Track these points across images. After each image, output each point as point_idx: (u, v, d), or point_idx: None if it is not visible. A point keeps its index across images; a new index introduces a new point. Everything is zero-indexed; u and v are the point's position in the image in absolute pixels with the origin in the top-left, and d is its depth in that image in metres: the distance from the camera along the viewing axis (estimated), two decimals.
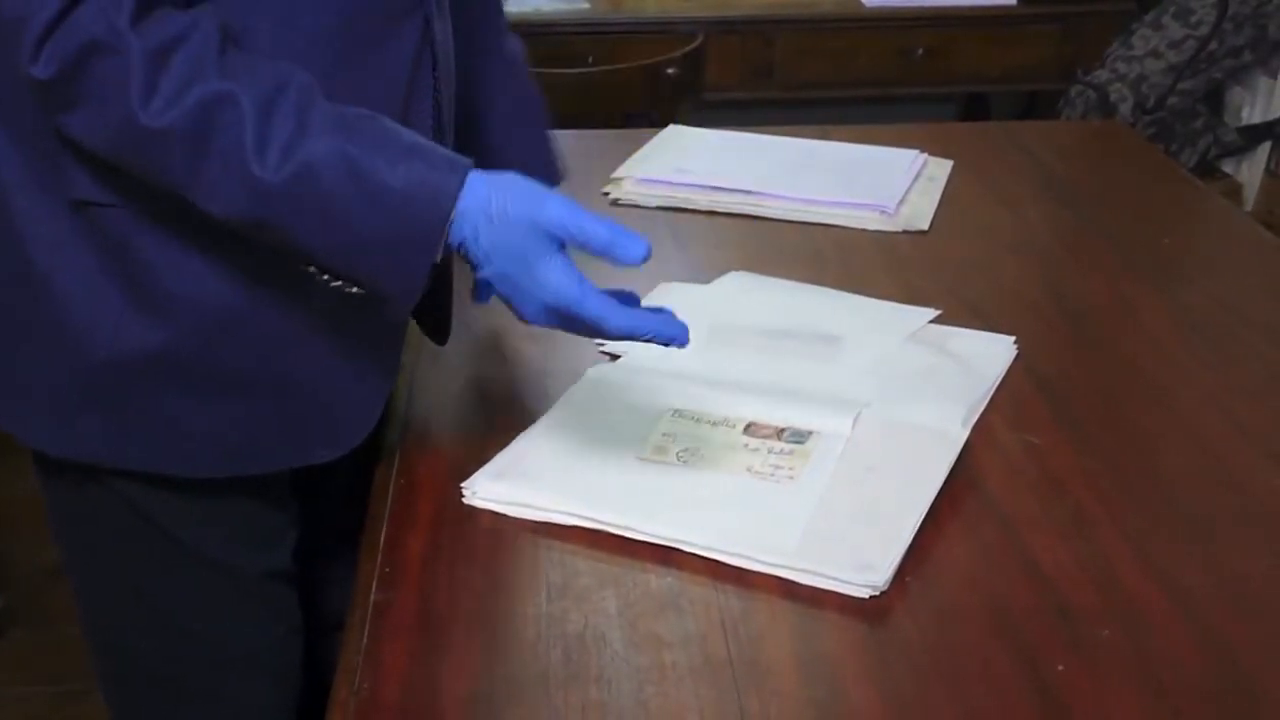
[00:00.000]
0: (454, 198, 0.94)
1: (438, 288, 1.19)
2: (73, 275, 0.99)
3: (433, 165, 0.95)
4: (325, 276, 0.98)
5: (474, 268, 0.99)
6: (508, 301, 1.01)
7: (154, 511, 1.09)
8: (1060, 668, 0.91)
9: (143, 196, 0.97)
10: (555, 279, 0.98)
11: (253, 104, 0.89)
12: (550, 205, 0.97)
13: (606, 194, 1.68)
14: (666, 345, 1.01)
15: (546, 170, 1.30)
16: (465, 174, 0.95)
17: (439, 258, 0.96)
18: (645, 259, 0.98)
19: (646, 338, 1.01)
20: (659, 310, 1.03)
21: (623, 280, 1.44)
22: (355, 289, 0.98)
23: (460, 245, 0.97)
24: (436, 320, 1.22)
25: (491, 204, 0.96)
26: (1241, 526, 1.07)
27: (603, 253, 0.98)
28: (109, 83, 0.88)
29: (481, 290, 1.18)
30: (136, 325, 0.99)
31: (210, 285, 1.00)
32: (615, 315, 0.99)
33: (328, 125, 0.92)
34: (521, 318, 1.01)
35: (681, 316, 1.35)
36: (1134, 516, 1.07)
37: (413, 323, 1.22)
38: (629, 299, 1.05)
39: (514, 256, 0.97)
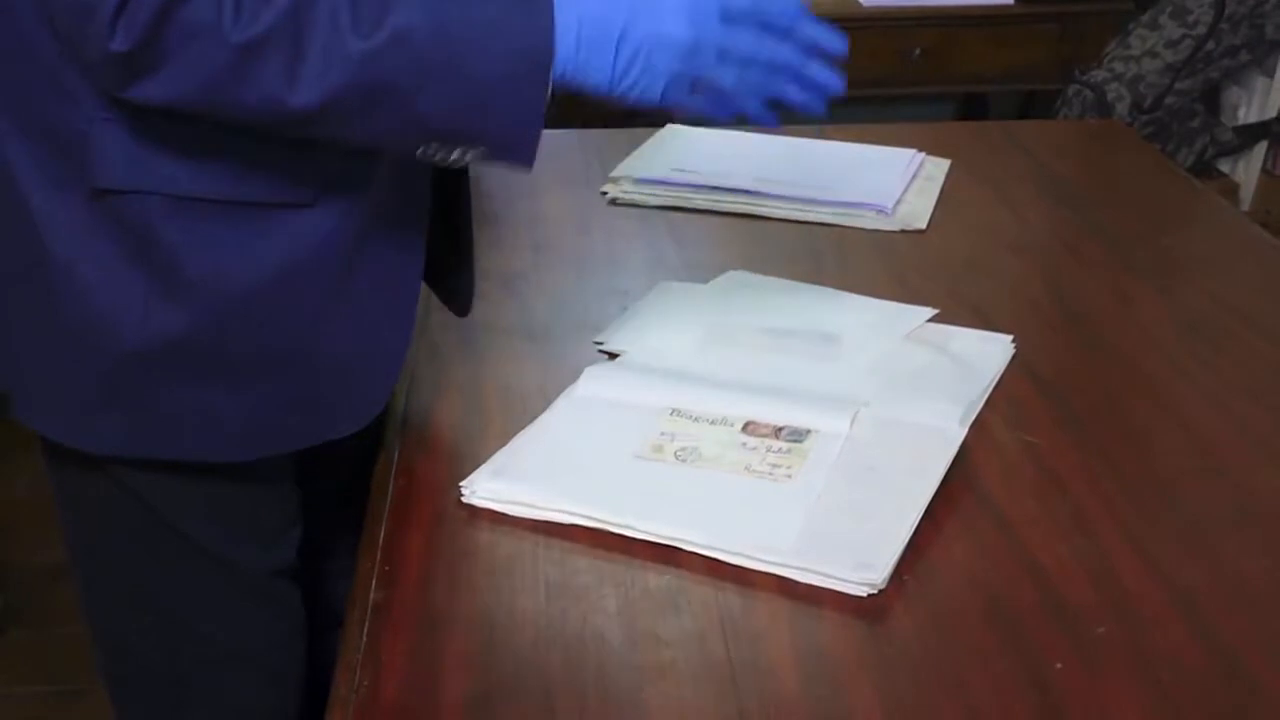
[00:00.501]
0: (550, 20, 0.93)
1: (459, 254, 1.19)
2: (94, 266, 0.99)
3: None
4: (444, 152, 0.97)
5: (609, 51, 0.96)
6: (657, 45, 0.96)
7: (159, 504, 1.09)
8: (1058, 666, 0.91)
9: (165, 182, 0.97)
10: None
11: None
12: None
13: (605, 193, 1.68)
14: None
15: None
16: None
17: (552, 81, 0.94)
18: None
19: None
20: None
21: (623, 278, 1.45)
22: (473, 153, 0.97)
23: (583, 35, 0.94)
24: (457, 291, 1.22)
25: None
26: (1239, 524, 1.07)
27: None
28: (197, 21, 0.87)
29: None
30: (160, 312, 0.99)
31: (230, 268, 1.00)
32: None
33: None
34: (675, 49, 0.97)
35: (680, 316, 1.37)
36: (1132, 515, 1.07)
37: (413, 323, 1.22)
38: None
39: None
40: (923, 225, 1.61)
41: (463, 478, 1.09)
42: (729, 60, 1.00)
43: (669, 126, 1.91)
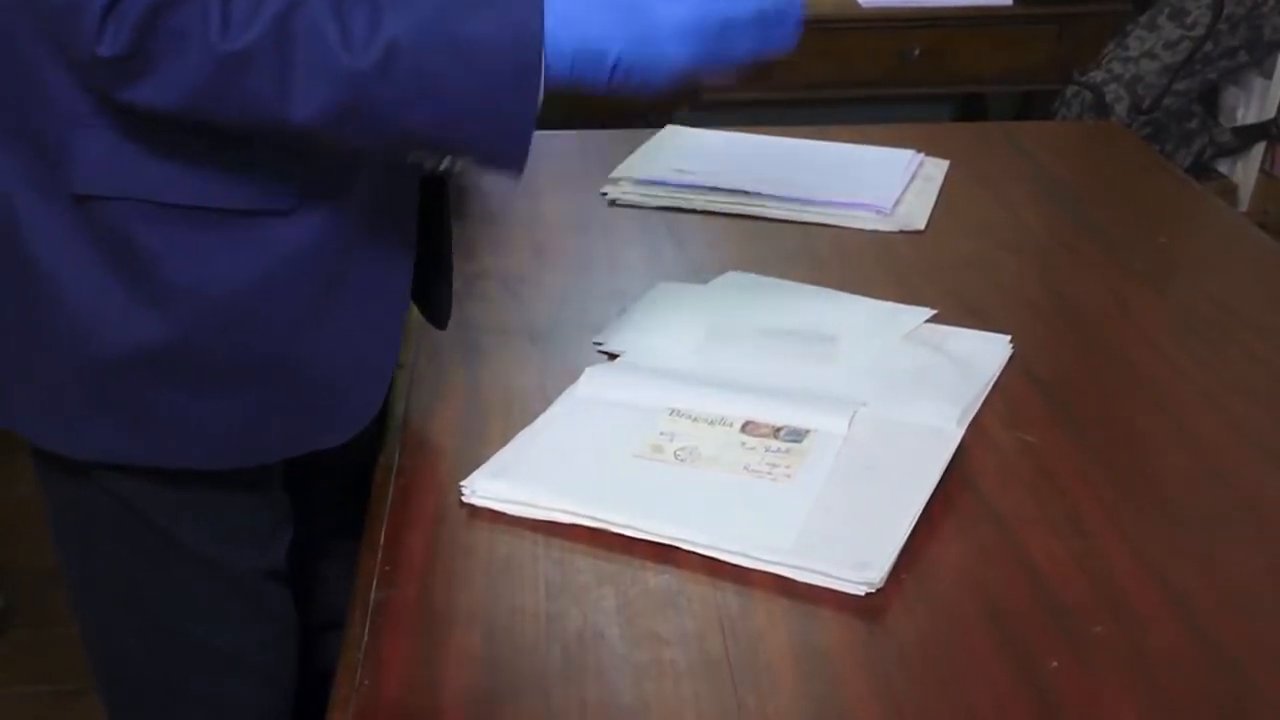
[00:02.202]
0: (538, 20, 0.93)
1: (438, 267, 1.19)
2: (75, 272, 0.99)
3: (507, 3, 0.93)
4: (434, 160, 0.97)
5: (600, 75, 0.96)
6: (650, 72, 0.96)
7: (149, 509, 1.09)
8: (1054, 665, 0.91)
9: (146, 188, 0.97)
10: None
11: (325, 3, 0.89)
12: None
13: (605, 194, 1.69)
14: None
15: None
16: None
17: (541, 95, 0.94)
18: None
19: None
20: None
21: (622, 279, 1.45)
22: (462, 160, 0.97)
23: (574, 61, 0.94)
24: (436, 302, 1.23)
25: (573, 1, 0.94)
26: (1236, 524, 1.08)
27: None
28: (183, 29, 0.88)
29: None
30: (140, 319, 1.00)
31: (211, 276, 1.00)
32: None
33: (398, 3, 0.91)
34: (667, 74, 0.97)
35: (679, 317, 1.37)
36: (1129, 514, 1.08)
37: (410, 322, 1.22)
38: None
39: (626, 14, 0.95)
40: (921, 226, 1.61)
41: (463, 477, 1.09)
42: (726, 61, 1.00)
43: (669, 127, 1.91)
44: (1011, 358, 1.29)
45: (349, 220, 1.03)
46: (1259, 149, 3.12)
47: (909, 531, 1.02)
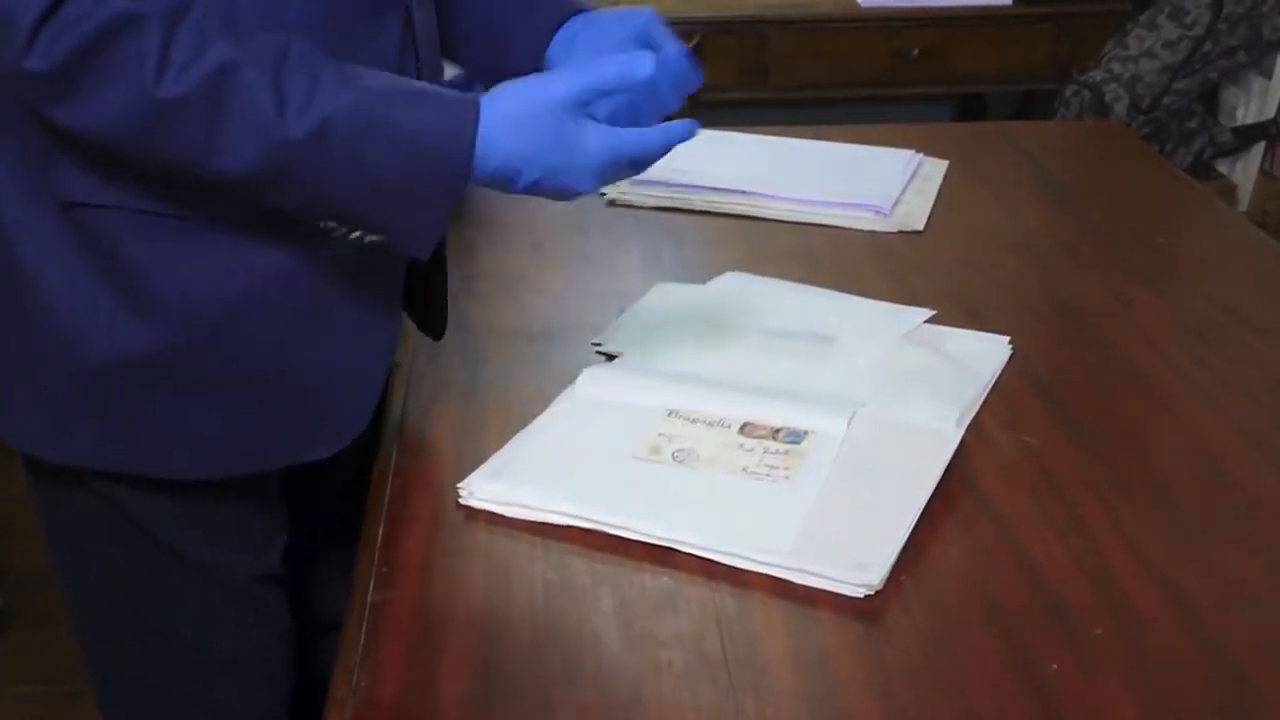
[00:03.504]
0: (473, 128, 0.95)
1: (432, 279, 1.19)
2: (62, 278, 0.99)
3: (445, 105, 0.96)
4: (343, 230, 0.98)
5: (512, 187, 0.99)
6: (559, 193, 1.01)
7: (142, 515, 1.09)
8: (1054, 666, 0.91)
9: (131, 197, 0.97)
10: (596, 141, 0.99)
11: (266, 65, 0.90)
12: (557, 83, 0.99)
13: (603, 194, 1.68)
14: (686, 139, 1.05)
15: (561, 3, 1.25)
16: (477, 105, 0.96)
17: (460, 197, 0.97)
18: (653, 72, 0.99)
19: (680, 138, 1.05)
20: (682, 122, 1.05)
21: (621, 279, 1.45)
22: (373, 238, 0.99)
23: (494, 173, 0.97)
24: (431, 313, 1.22)
25: (507, 117, 0.97)
26: (1236, 525, 1.08)
27: (621, 85, 1.00)
28: (119, 66, 0.87)
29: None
30: (127, 328, 0.99)
31: (198, 286, 1.00)
32: (653, 139, 1.03)
33: (341, 79, 0.92)
34: (575, 195, 1.02)
35: (678, 318, 1.37)
36: (1129, 515, 1.08)
37: (408, 322, 1.22)
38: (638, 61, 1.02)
39: (550, 146, 0.98)
40: (920, 226, 1.61)
41: (461, 479, 1.09)
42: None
43: None
44: (1011, 358, 1.29)
45: None
46: (1259, 149, 3.12)
47: (908, 533, 1.02)
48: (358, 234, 0.99)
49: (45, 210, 0.98)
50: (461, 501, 1.08)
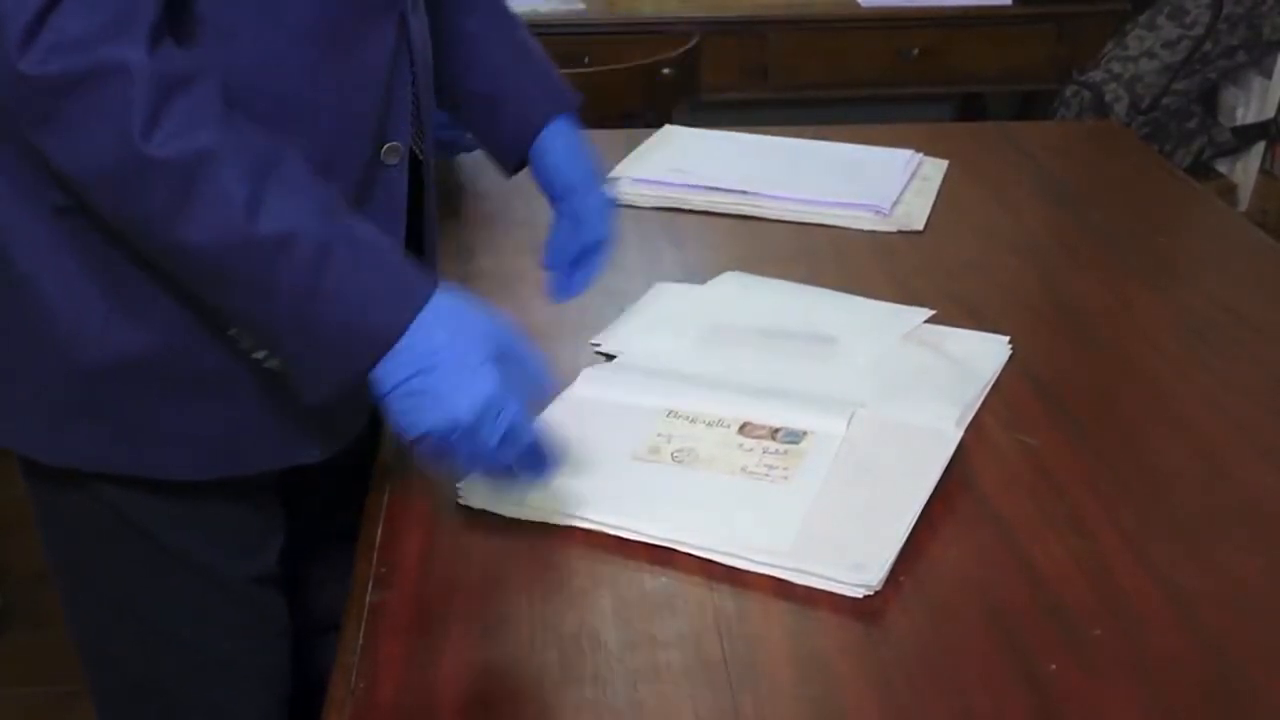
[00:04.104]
0: (403, 329, 0.92)
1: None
2: (57, 281, 0.99)
3: (394, 281, 0.94)
4: (251, 344, 0.99)
5: (385, 394, 0.94)
6: (409, 417, 0.94)
7: (138, 516, 1.09)
8: (1053, 667, 0.91)
9: None
10: (490, 384, 0.94)
11: (251, 163, 0.89)
12: (495, 324, 0.97)
13: None
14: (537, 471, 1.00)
15: (556, 98, 1.27)
16: (423, 300, 0.93)
17: (363, 375, 0.93)
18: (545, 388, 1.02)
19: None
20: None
21: (621, 279, 1.45)
22: (271, 362, 0.99)
23: (391, 395, 0.94)
24: None
25: (442, 328, 0.93)
26: (1236, 525, 1.07)
27: (530, 375, 0.98)
28: (109, 105, 0.86)
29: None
30: (120, 330, 0.99)
31: (191, 289, 0.99)
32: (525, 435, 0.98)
33: (318, 207, 0.91)
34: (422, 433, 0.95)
35: (677, 318, 1.37)
36: (1128, 515, 1.07)
37: None
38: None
39: (453, 366, 0.93)
40: (920, 226, 1.61)
41: (459, 479, 1.09)
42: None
43: (666, 128, 1.91)
44: (1011, 358, 1.29)
45: None
46: (1258, 149, 3.12)
47: (907, 533, 1.02)
48: (264, 354, 0.98)
49: (39, 214, 0.98)
50: (460, 502, 1.08)
